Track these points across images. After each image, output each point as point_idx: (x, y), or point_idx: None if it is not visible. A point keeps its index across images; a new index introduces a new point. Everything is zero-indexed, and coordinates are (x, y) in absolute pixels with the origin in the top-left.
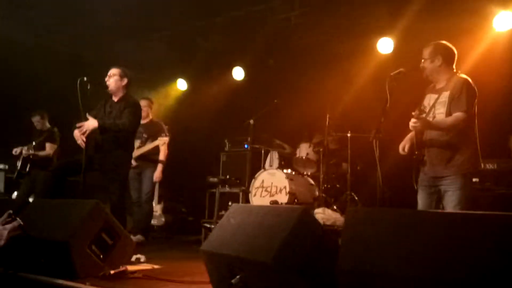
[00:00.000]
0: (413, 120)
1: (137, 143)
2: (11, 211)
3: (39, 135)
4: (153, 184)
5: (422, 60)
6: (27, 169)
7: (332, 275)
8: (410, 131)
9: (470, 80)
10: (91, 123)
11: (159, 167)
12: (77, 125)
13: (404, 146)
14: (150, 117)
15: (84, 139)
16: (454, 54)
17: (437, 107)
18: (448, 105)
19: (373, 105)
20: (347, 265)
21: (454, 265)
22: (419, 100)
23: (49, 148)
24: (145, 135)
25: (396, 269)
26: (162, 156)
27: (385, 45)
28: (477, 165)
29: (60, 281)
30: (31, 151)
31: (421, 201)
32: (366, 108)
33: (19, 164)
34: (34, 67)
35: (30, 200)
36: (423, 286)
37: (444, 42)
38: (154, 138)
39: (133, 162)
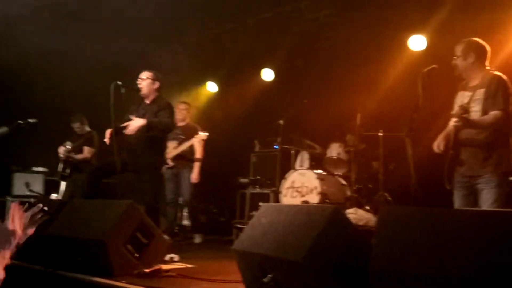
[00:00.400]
0: (454, 119)
1: (174, 144)
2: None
3: (77, 138)
4: (192, 184)
5: (454, 58)
6: (68, 172)
7: (364, 275)
8: (443, 128)
9: (505, 77)
10: (138, 122)
11: (196, 167)
12: (123, 125)
13: (439, 144)
14: (188, 120)
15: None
16: (486, 51)
17: (472, 105)
18: (484, 103)
19: (405, 103)
20: (381, 265)
21: (491, 265)
22: (451, 97)
23: (87, 152)
24: (182, 137)
25: (431, 269)
26: (198, 154)
27: (417, 42)
28: (510, 164)
29: (97, 279)
30: (67, 153)
31: (457, 202)
32: (397, 107)
33: (60, 166)
34: (70, 73)
35: None
36: (459, 287)
37: (476, 39)
38: (190, 139)
39: (170, 162)
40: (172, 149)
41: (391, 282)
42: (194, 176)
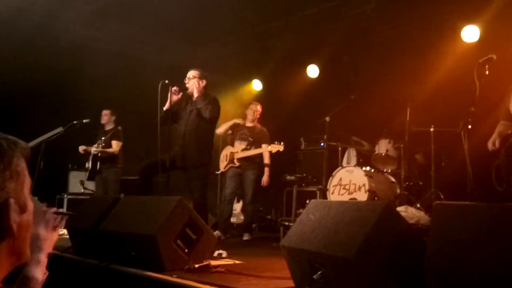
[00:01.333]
0: None
1: (243, 145)
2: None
3: (105, 133)
4: (256, 186)
5: None
6: (98, 168)
7: (418, 273)
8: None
9: None
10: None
11: (267, 171)
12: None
13: (494, 141)
14: (256, 121)
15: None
16: None
17: None
18: None
19: (457, 97)
20: (437, 263)
21: None
22: (508, 90)
23: (115, 146)
24: (251, 139)
25: (489, 267)
26: (267, 160)
27: (470, 33)
28: None
29: (149, 273)
30: (99, 148)
31: None
32: (449, 101)
33: (89, 164)
34: (121, 74)
35: None
36: None
37: None
38: (258, 143)
39: (236, 162)
40: (240, 149)
41: (448, 281)
42: (265, 179)
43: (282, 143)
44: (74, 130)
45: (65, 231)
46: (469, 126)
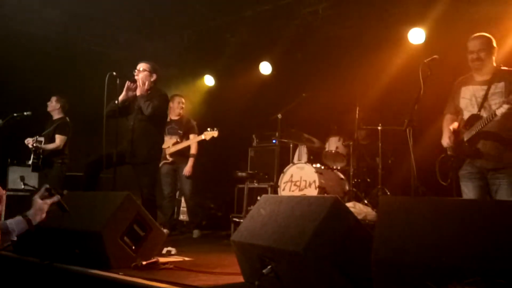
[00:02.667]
0: (506, 106)
1: (173, 139)
2: (47, 185)
3: (50, 125)
4: (191, 180)
5: (477, 51)
6: (40, 162)
7: (365, 265)
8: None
9: None
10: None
11: (191, 161)
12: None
13: (450, 137)
14: (182, 113)
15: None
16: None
17: (492, 98)
18: (507, 96)
19: (404, 97)
20: (382, 255)
21: (491, 255)
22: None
23: (59, 140)
24: (180, 132)
25: (432, 259)
26: (193, 150)
27: (416, 36)
28: None
29: (94, 271)
30: (38, 144)
31: (472, 193)
32: (397, 101)
33: (32, 157)
34: (64, 63)
35: None
36: (460, 276)
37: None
38: (187, 134)
39: (169, 158)
40: (171, 144)
41: (393, 272)
42: (188, 169)
43: (215, 129)
44: (14, 123)
45: None
46: (414, 124)
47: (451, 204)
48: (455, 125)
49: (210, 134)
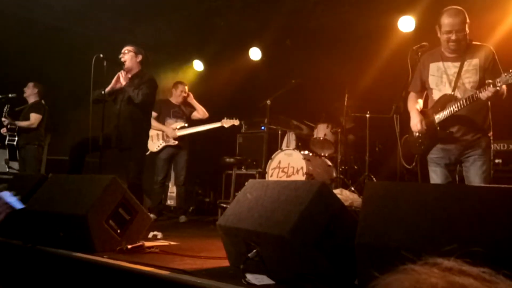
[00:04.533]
0: (491, 89)
1: (180, 122)
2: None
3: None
4: (187, 167)
5: (455, 31)
6: (16, 142)
7: (349, 250)
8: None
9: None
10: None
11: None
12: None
13: (421, 121)
14: (183, 101)
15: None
16: None
17: (466, 75)
18: (482, 74)
19: (394, 84)
20: (366, 239)
21: (475, 239)
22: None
23: (33, 118)
24: (185, 116)
25: (416, 243)
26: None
27: (406, 24)
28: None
29: (78, 255)
30: (11, 120)
31: (439, 178)
32: (386, 88)
33: (7, 137)
34: (49, 46)
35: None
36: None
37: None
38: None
39: (174, 141)
40: (178, 127)
41: (376, 256)
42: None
43: (235, 118)
44: None
45: None
46: (401, 111)
47: (435, 189)
48: (421, 104)
49: (230, 122)
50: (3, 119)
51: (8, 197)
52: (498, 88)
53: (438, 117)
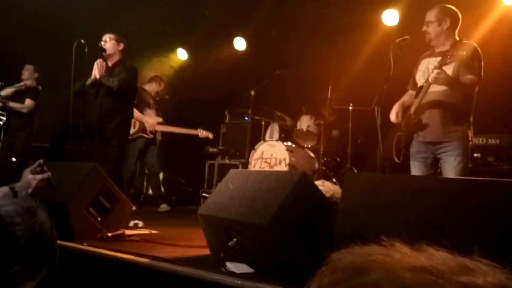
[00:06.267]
0: (436, 70)
1: (157, 118)
2: (42, 161)
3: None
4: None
5: (426, 24)
6: (4, 123)
7: (329, 239)
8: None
9: (478, 48)
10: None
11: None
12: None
13: (397, 113)
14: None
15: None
16: (459, 18)
17: (443, 67)
18: (457, 69)
19: (377, 77)
20: (344, 229)
21: (453, 231)
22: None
23: (28, 103)
24: (157, 110)
25: (394, 234)
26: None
27: (390, 17)
28: (470, 132)
29: (58, 242)
30: (4, 99)
31: (418, 172)
32: (369, 81)
33: None
34: (32, 31)
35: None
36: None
37: (450, 5)
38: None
39: (150, 135)
40: (156, 121)
41: (354, 245)
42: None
43: (211, 133)
44: None
45: None
46: (382, 103)
47: (413, 180)
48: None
49: (205, 133)
50: None
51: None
52: (439, 71)
53: (412, 107)
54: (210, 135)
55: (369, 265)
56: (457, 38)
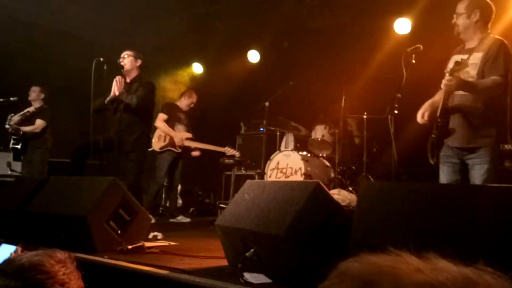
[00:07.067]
0: (447, 77)
1: (187, 133)
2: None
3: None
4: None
5: (455, 16)
6: (20, 146)
7: (345, 249)
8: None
9: (507, 43)
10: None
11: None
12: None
13: (423, 113)
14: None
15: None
16: (492, 11)
17: (467, 69)
18: (481, 68)
19: (389, 86)
20: (360, 237)
21: (469, 239)
22: (435, 78)
23: (38, 124)
24: (188, 125)
25: (410, 242)
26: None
27: (402, 26)
28: (505, 137)
29: (79, 255)
30: (16, 125)
31: (445, 177)
32: (382, 90)
33: (11, 141)
34: (50, 50)
35: None
36: None
37: None
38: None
39: (178, 149)
40: (185, 137)
41: (370, 253)
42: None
43: (238, 152)
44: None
45: None
46: (395, 111)
47: (428, 189)
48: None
49: (232, 151)
50: (6, 126)
51: None
52: (450, 77)
53: (438, 110)
54: (237, 154)
55: (377, 277)
56: (488, 32)
